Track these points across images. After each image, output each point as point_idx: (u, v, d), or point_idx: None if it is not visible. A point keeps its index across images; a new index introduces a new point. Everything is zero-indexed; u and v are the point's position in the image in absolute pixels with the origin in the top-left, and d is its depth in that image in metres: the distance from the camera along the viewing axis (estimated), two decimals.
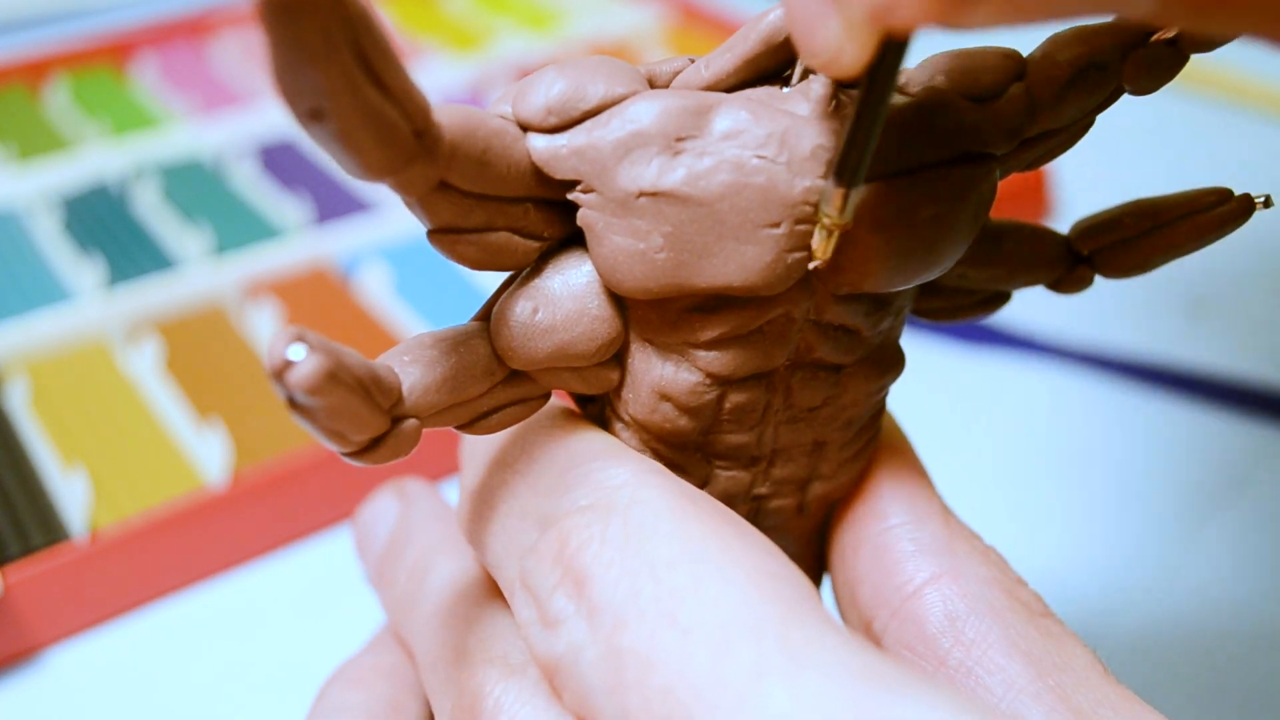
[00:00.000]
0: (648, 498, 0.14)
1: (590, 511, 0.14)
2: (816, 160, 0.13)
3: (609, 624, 0.13)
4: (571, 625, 0.13)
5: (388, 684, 0.19)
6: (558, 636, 0.14)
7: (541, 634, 0.14)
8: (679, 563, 0.13)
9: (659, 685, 0.12)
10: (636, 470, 0.15)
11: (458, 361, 0.14)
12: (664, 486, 0.14)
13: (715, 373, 0.15)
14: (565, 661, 0.13)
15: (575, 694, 0.13)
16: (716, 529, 0.14)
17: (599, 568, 0.13)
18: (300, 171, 0.45)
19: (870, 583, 0.17)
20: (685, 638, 0.12)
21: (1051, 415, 0.36)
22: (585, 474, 0.15)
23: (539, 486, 0.15)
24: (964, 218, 0.15)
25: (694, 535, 0.13)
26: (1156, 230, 0.17)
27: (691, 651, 0.12)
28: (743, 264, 0.14)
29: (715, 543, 0.13)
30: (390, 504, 0.22)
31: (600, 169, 0.14)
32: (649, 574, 0.13)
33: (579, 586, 0.14)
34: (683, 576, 0.13)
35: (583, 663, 0.13)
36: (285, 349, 0.12)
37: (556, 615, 0.14)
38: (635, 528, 0.14)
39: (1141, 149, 0.47)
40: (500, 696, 0.15)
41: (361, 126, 0.11)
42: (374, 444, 0.13)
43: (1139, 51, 0.15)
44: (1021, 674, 0.16)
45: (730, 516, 0.14)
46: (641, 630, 0.13)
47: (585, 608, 0.13)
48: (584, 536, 0.14)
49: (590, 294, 0.15)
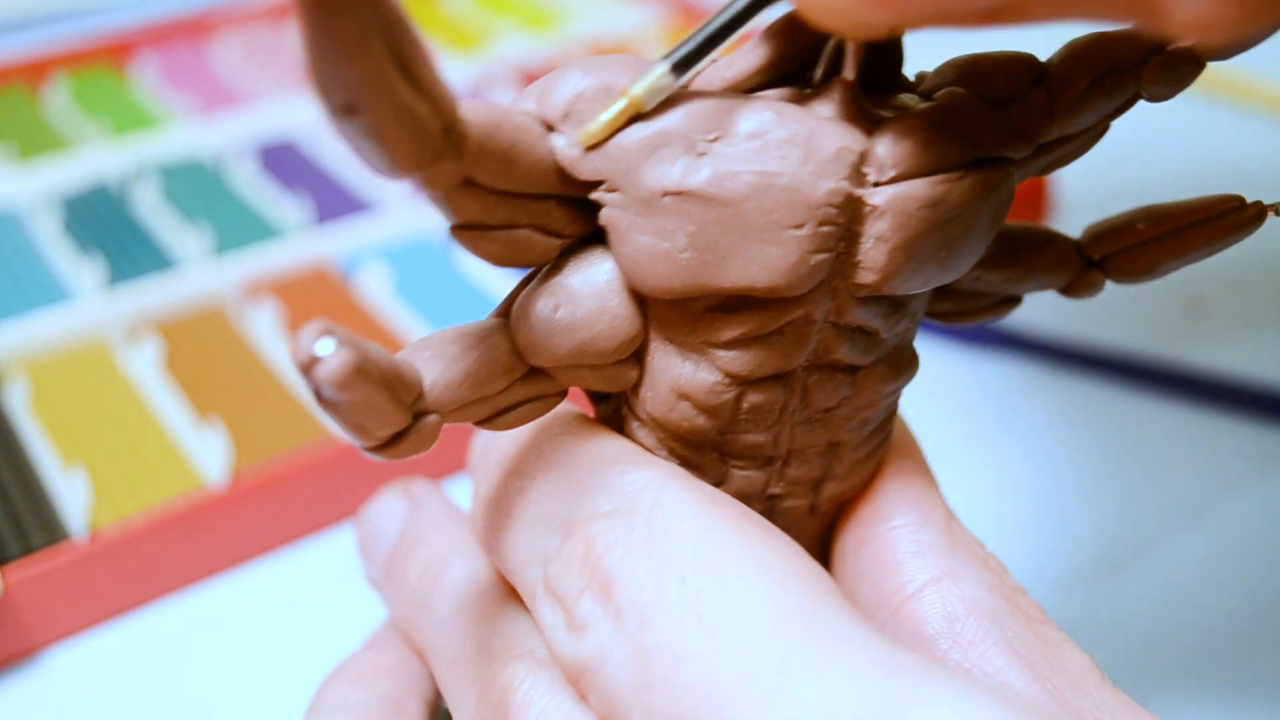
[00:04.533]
0: (670, 501, 0.14)
1: (614, 516, 0.14)
2: (840, 162, 0.14)
3: (635, 625, 0.13)
4: (598, 629, 0.14)
5: (388, 682, 0.19)
6: (584, 640, 0.14)
7: (567, 638, 0.14)
8: (703, 563, 0.13)
9: (686, 682, 0.12)
10: (657, 474, 0.15)
11: (479, 358, 0.14)
12: (685, 489, 0.14)
13: (734, 372, 0.15)
14: (592, 665, 0.14)
15: (602, 696, 0.13)
16: (739, 529, 0.14)
17: (624, 570, 0.14)
18: (300, 171, 0.45)
19: (871, 582, 0.17)
20: (712, 636, 0.13)
21: (1049, 415, 0.36)
22: (606, 479, 0.15)
23: (559, 494, 0.15)
24: (982, 221, 0.15)
25: (717, 536, 0.13)
26: (1168, 236, 0.17)
27: (718, 648, 0.12)
28: (766, 265, 0.14)
29: (739, 542, 0.13)
30: (396, 504, 0.22)
31: (625, 169, 0.14)
32: (674, 575, 0.13)
33: (605, 590, 0.14)
34: (708, 576, 0.13)
35: (610, 664, 0.13)
36: (313, 344, 0.12)
37: (584, 619, 0.14)
38: (659, 531, 0.14)
39: (1142, 150, 0.47)
40: (530, 690, 0.15)
41: (393, 123, 0.11)
42: (396, 439, 0.13)
43: (1156, 58, 0.15)
44: (1019, 677, 0.16)
45: (752, 516, 0.14)
46: (669, 630, 0.13)
47: (612, 611, 0.13)
48: (609, 540, 0.14)
49: (611, 291, 0.15)
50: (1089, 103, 0.16)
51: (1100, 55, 0.15)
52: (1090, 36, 0.16)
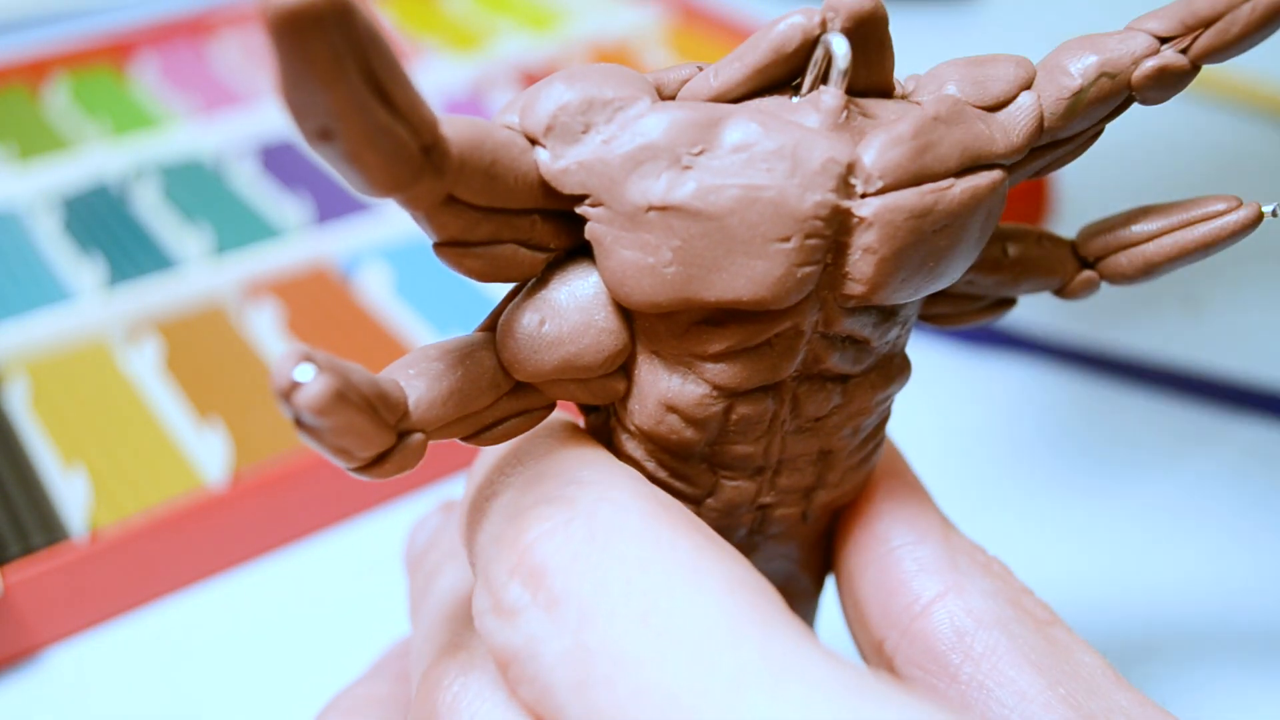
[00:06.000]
0: (616, 497, 0.14)
1: (554, 503, 0.14)
2: (827, 174, 0.13)
3: (573, 619, 0.13)
4: (529, 616, 0.13)
5: (379, 715, 0.19)
6: (515, 628, 0.13)
7: (495, 623, 0.14)
8: (651, 564, 0.13)
9: (632, 686, 0.12)
10: (609, 471, 0.14)
11: (463, 374, 0.14)
12: (634, 489, 0.14)
13: (722, 385, 0.15)
14: (523, 654, 0.13)
15: (534, 688, 0.13)
16: (688, 534, 0.13)
17: (559, 560, 0.13)
18: (300, 171, 0.45)
19: (878, 605, 0.17)
20: (659, 640, 0.12)
21: (1049, 415, 0.36)
22: (558, 472, 0.15)
23: (521, 488, 0.15)
24: (972, 229, 0.15)
25: (665, 538, 0.13)
26: (1164, 237, 0.17)
27: (667, 655, 0.12)
28: (752, 278, 0.14)
29: (687, 547, 0.13)
30: (436, 519, 0.22)
31: (609, 183, 0.14)
32: (619, 572, 0.13)
33: (535, 577, 0.13)
34: (655, 578, 0.13)
35: (544, 656, 0.13)
36: (292, 370, 0.11)
37: (512, 604, 0.13)
38: (602, 524, 0.13)
39: (1142, 151, 0.47)
40: (458, 692, 0.15)
41: (370, 147, 0.11)
42: (379, 459, 0.13)
43: (1149, 61, 0.15)
44: (1032, 684, 0.16)
45: (700, 524, 0.14)
46: (612, 629, 0.12)
47: (544, 599, 0.13)
48: (545, 527, 0.14)
49: (597, 305, 0.15)
50: (1081, 107, 0.15)
51: (1091, 58, 0.15)
52: (1081, 39, 0.16)
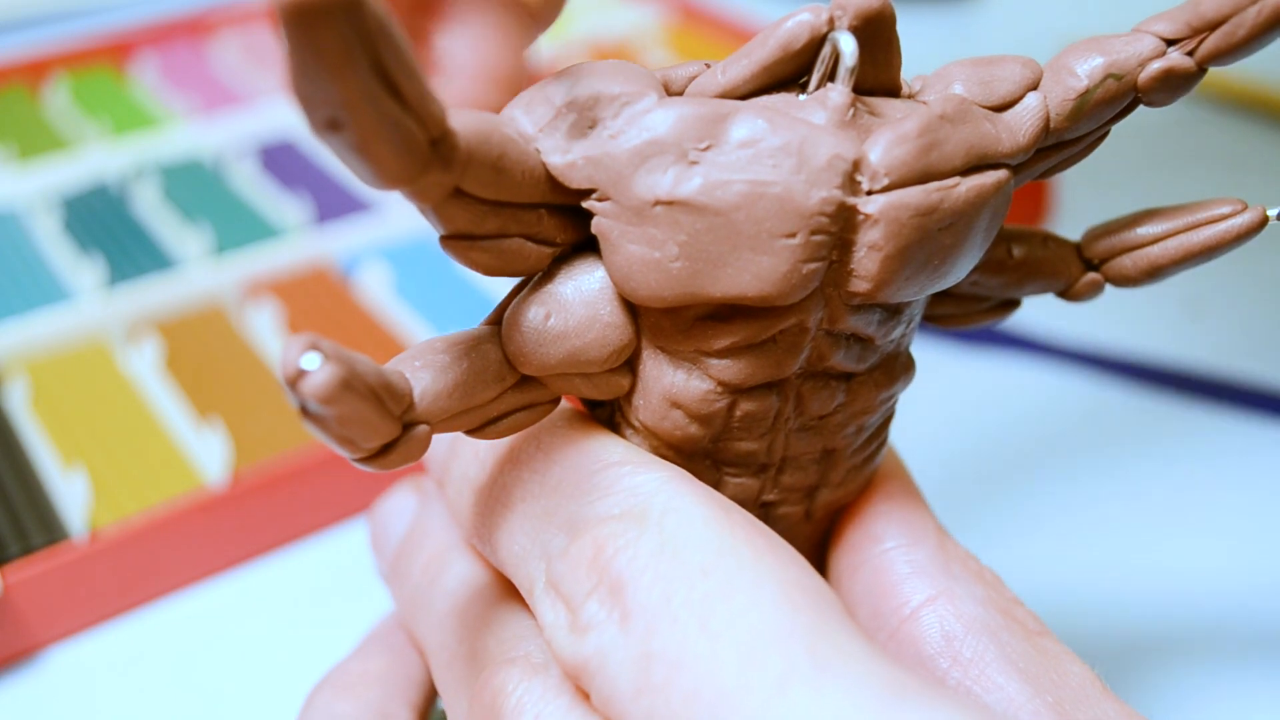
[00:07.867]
0: (681, 506, 0.14)
1: (625, 519, 0.14)
2: (833, 170, 0.13)
3: (642, 628, 0.13)
4: (602, 630, 0.14)
5: (375, 691, 0.19)
6: (586, 641, 0.14)
7: (568, 638, 0.14)
8: (713, 570, 0.13)
9: (686, 688, 0.12)
10: (667, 477, 0.15)
11: (469, 367, 0.14)
12: (696, 495, 0.14)
13: (727, 381, 0.15)
14: (591, 665, 0.14)
15: (601, 695, 0.13)
16: (749, 538, 0.14)
17: (634, 574, 0.14)
18: (300, 171, 0.45)
19: (868, 605, 0.18)
20: (715, 642, 0.13)
21: (1050, 415, 0.36)
22: (614, 480, 0.15)
23: (563, 490, 0.15)
24: (977, 228, 0.15)
25: (728, 544, 0.14)
26: (1169, 240, 0.17)
27: (720, 656, 0.12)
28: (758, 274, 0.14)
29: (748, 551, 0.13)
30: (408, 500, 0.22)
31: (616, 177, 0.14)
32: (684, 580, 0.13)
33: (614, 593, 0.14)
34: (716, 583, 0.13)
35: (611, 664, 0.13)
36: (299, 358, 0.11)
37: (589, 621, 0.14)
38: (670, 535, 0.14)
39: (1144, 153, 0.47)
40: (523, 696, 0.15)
41: (378, 138, 0.11)
42: (384, 450, 0.13)
43: (1156, 64, 0.15)
44: (1019, 692, 0.16)
45: (760, 526, 0.14)
46: (673, 634, 0.13)
47: (619, 613, 0.13)
48: (619, 544, 0.14)
49: (603, 300, 0.15)
50: (1087, 108, 0.15)
51: (1098, 60, 0.15)
52: (1087, 41, 0.16)
